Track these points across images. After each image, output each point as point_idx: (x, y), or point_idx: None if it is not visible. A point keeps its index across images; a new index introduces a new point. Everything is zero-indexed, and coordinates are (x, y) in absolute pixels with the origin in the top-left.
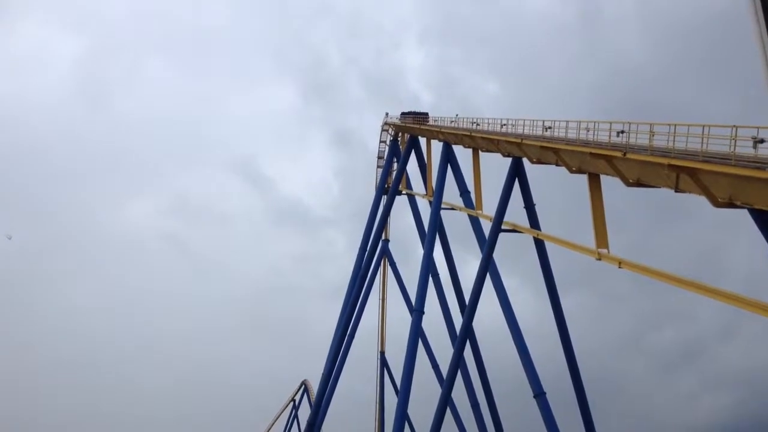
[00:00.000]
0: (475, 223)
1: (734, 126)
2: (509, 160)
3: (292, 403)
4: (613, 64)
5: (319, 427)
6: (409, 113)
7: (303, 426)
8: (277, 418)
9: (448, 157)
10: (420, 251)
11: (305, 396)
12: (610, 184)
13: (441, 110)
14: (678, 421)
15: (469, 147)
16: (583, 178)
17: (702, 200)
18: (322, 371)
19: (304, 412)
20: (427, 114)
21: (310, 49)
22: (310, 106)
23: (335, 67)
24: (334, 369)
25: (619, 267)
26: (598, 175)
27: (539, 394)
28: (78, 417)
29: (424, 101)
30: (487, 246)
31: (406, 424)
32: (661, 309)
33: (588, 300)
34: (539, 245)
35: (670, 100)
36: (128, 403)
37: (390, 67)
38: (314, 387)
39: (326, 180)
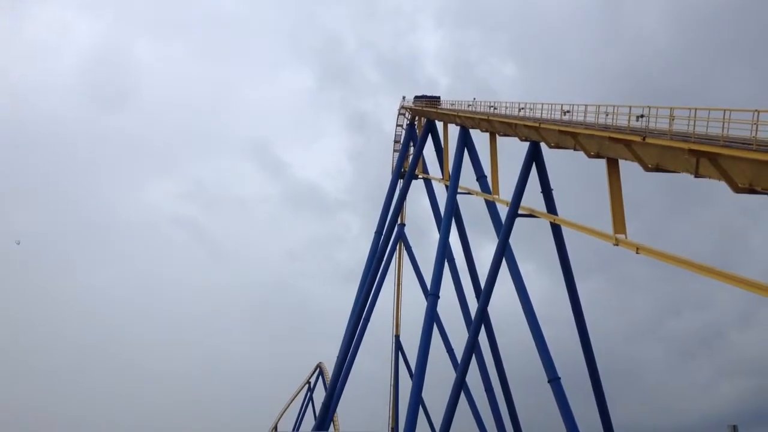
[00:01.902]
0: (491, 207)
1: (756, 110)
2: (527, 144)
3: (307, 386)
4: (633, 46)
5: (334, 409)
6: (422, 97)
7: (318, 408)
8: (293, 400)
9: (465, 142)
10: (436, 236)
11: (320, 378)
12: (628, 169)
13: (458, 93)
14: (695, 408)
15: (486, 131)
16: (602, 163)
17: (722, 186)
18: (337, 354)
19: (319, 395)
20: (438, 98)
21: (325, 32)
22: (325, 90)
23: (351, 50)
24: (349, 352)
25: (637, 253)
26: (617, 160)
27: (554, 379)
28: (93, 401)
29: (441, 84)
30: (504, 231)
31: (420, 407)
32: (679, 295)
33: (604, 286)
34: (556, 230)
35: (690, 84)
36: (143, 387)
37: (406, 50)
38: (329, 370)
39: (341, 164)
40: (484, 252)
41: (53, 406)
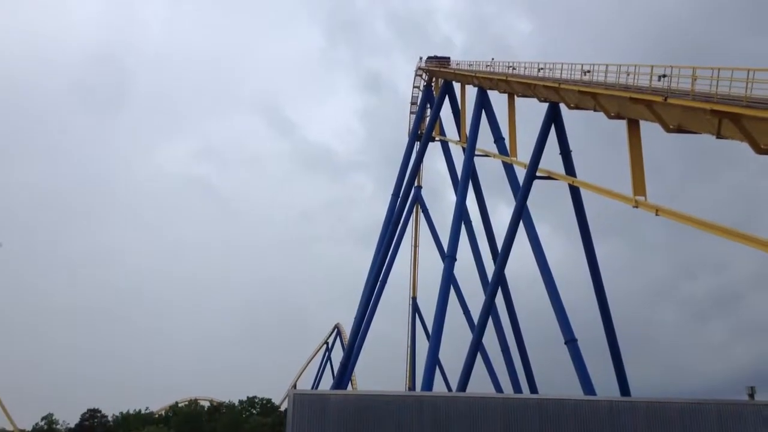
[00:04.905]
0: (509, 169)
1: None
2: (545, 105)
3: (325, 346)
4: (654, 3)
5: (352, 369)
6: (433, 58)
7: (336, 367)
8: (311, 360)
9: (483, 103)
10: (452, 198)
11: (338, 339)
12: (648, 129)
13: (472, 51)
14: (712, 370)
15: (504, 92)
16: (622, 124)
17: (744, 147)
18: (354, 315)
19: (337, 355)
20: (448, 58)
21: None
22: (335, 48)
23: (361, 6)
24: (367, 313)
25: (656, 214)
26: (638, 121)
27: (570, 341)
28: (102, 361)
29: (456, 42)
30: (521, 193)
31: (437, 368)
32: (696, 257)
33: (622, 248)
34: (574, 192)
35: (713, 42)
36: (157, 348)
37: (419, 5)
38: (347, 330)
39: (353, 124)
40: (501, 214)
41: (69, 366)
